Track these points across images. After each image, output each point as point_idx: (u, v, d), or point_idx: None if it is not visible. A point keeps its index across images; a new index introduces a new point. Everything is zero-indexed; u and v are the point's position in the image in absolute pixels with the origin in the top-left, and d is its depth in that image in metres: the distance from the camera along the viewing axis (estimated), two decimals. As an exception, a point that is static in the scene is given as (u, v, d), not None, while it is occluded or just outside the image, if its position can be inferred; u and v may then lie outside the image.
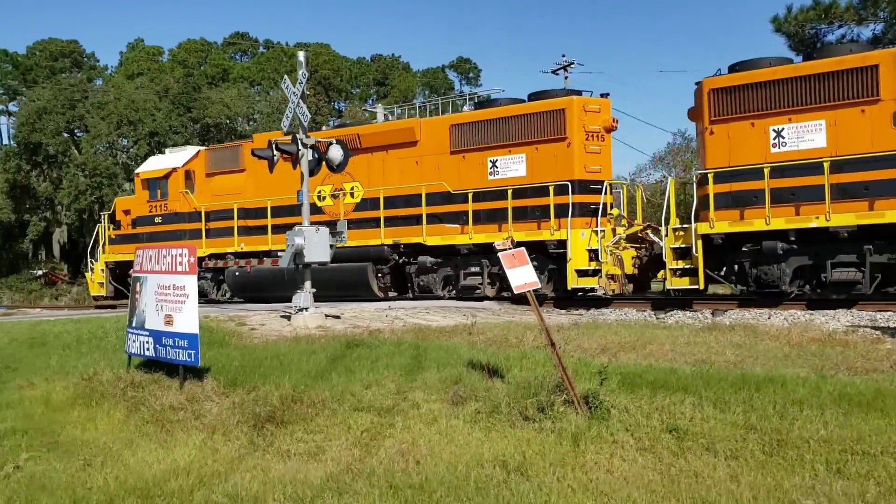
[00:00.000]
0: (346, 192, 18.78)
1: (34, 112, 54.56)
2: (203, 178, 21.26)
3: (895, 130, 12.58)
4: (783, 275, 13.49)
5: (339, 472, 5.71)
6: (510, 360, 8.46)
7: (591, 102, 16.15)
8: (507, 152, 16.48)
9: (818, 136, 13.29)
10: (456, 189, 16.96)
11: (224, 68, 68.17)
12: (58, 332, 11.98)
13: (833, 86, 13.12)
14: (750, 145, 13.84)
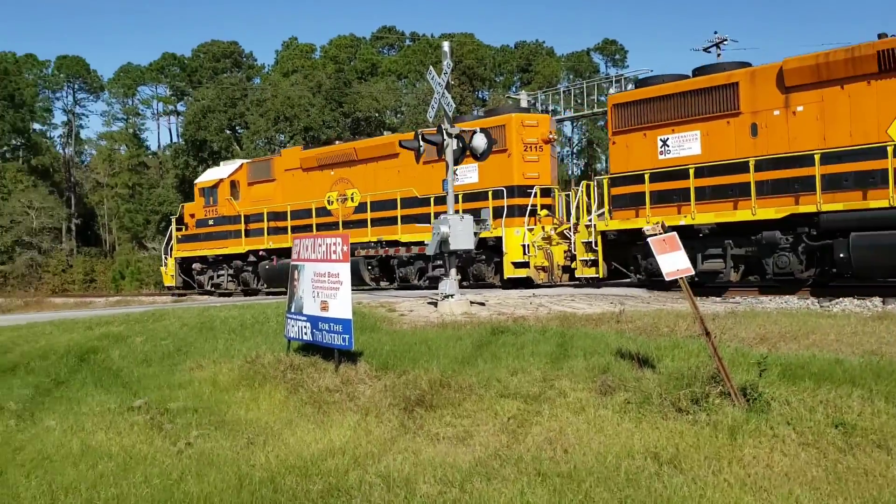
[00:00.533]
0: (348, 197, 21.73)
1: (199, 111, 58.31)
2: (245, 187, 24.72)
3: (753, 140, 14.50)
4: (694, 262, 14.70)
5: (487, 458, 5.75)
6: (661, 349, 8.21)
7: (529, 118, 18.83)
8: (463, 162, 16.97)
9: (694, 145, 15.35)
10: (423, 194, 19.47)
11: (373, 62, 70.05)
12: (224, 317, 12.73)
13: (705, 101, 15.16)
14: (642, 153, 15.99)
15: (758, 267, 14.68)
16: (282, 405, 7.60)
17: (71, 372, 9.22)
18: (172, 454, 6.16)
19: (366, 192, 21.11)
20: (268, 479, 5.49)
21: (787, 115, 14.26)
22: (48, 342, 11.18)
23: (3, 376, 9.12)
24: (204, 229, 25.68)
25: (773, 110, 14.43)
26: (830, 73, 13.63)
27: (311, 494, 5.17)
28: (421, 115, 48.76)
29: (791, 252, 13.98)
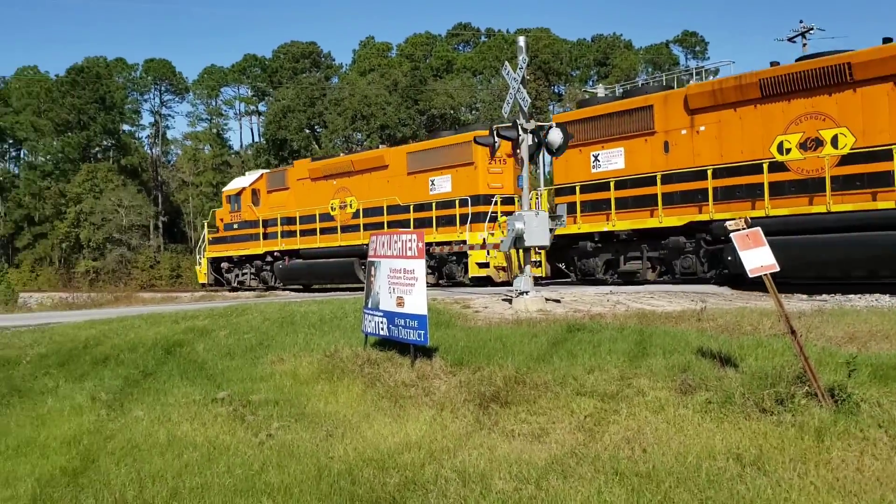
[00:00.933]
0: (347, 204, 24.15)
1: (279, 111, 59.61)
2: (265, 195, 27.39)
3: (665, 156, 16.46)
4: (597, 266, 17.63)
5: (564, 455, 5.70)
6: (744, 348, 7.98)
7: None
8: (440, 173, 21.51)
9: (619, 160, 17.35)
10: (405, 202, 21.94)
11: (448, 59, 70.29)
12: (304, 312, 12.99)
13: (628, 121, 17.19)
14: (578, 167, 18.07)
15: (670, 267, 16.52)
16: (359, 399, 7.70)
17: (158, 364, 9.55)
18: (254, 445, 6.31)
19: (361, 200, 23.57)
20: (346, 471, 5.57)
21: (692, 134, 16.19)
22: (137, 335, 11.61)
23: (94, 368, 9.51)
24: (230, 232, 28.52)
25: (680, 130, 16.38)
26: (725, 97, 15.52)
27: (387, 487, 5.22)
28: (496, 111, 48.64)
29: (693, 255, 15.96)
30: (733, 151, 15.37)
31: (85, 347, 10.77)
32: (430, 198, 21.41)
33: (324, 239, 24.41)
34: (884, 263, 13.13)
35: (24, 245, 71.40)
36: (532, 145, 13.13)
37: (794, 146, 14.58)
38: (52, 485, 5.46)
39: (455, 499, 4.93)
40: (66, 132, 69.62)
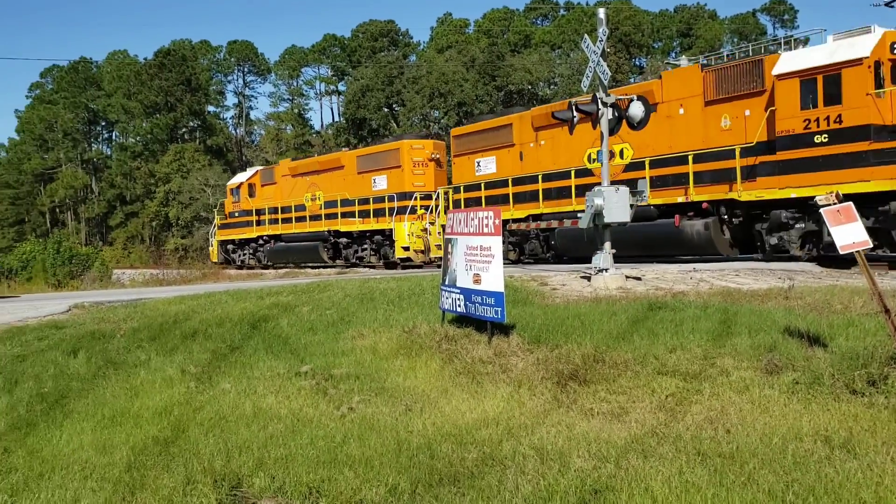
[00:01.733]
0: (317, 197, 29.09)
1: (358, 90, 60.15)
2: (259, 188, 32.82)
3: (521, 163, 20.83)
4: None
5: (644, 435, 5.63)
6: (834, 327, 7.70)
7: (416, 143, 26.29)
8: (380, 173, 26.63)
9: (492, 166, 21.85)
10: (353, 196, 27.27)
11: (526, 34, 69.49)
12: (383, 288, 13.16)
13: (497, 136, 21.72)
14: (467, 171, 22.76)
15: (521, 249, 21.20)
16: (437, 374, 7.77)
17: (244, 338, 9.84)
18: (336, 418, 6.45)
19: (325, 194, 28.58)
20: (425, 445, 5.64)
21: (537, 146, 20.50)
22: (224, 311, 11.98)
23: (184, 342, 9.86)
24: (233, 220, 34.33)
25: (529, 143, 20.77)
26: (536, 123, 20.33)
27: (466, 462, 5.27)
28: (574, 85, 47.88)
29: (535, 239, 20.56)
30: (562, 161, 19.53)
31: (175, 322, 11.18)
32: (372, 193, 26.65)
33: (298, 226, 29.81)
34: (657, 243, 17.23)
35: (117, 224, 74.54)
36: (612, 119, 12.89)
37: (592, 156, 18.62)
38: (145, 453, 5.71)
39: (533, 475, 4.94)
40: (155, 114, 72.02)
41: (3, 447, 6.02)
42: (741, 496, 4.42)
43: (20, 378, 8.24)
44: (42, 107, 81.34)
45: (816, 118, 14.16)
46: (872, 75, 13.31)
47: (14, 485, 5.22)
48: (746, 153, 15.17)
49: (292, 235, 29.91)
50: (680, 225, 16.33)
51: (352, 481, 5.01)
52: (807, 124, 14.29)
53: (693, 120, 16.45)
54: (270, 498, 4.95)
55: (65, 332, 10.82)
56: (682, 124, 16.65)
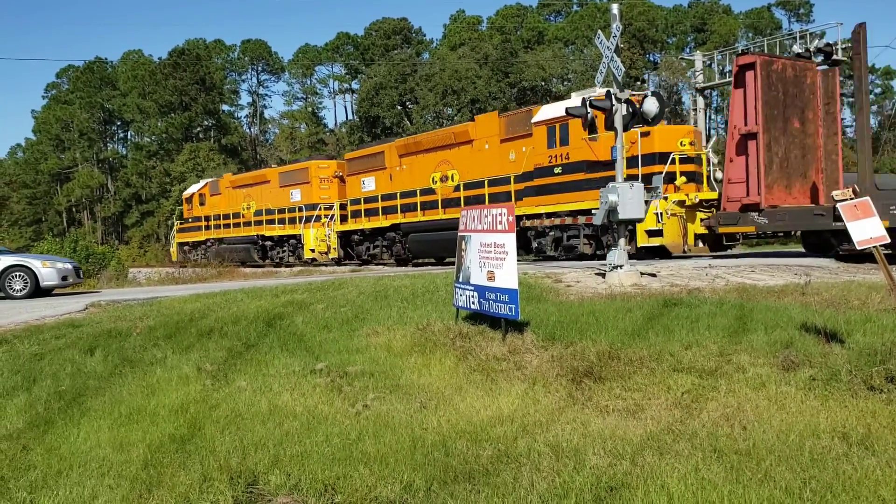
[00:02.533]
0: (251, 206, 33.92)
1: (372, 88, 60.22)
2: (209, 197, 37.90)
3: (391, 182, 25.78)
4: (369, 249, 27.47)
5: (659, 432, 5.61)
6: (851, 323, 7.64)
7: (323, 163, 31.06)
8: (295, 188, 31.36)
9: (372, 184, 26.81)
10: (276, 207, 32.04)
11: (539, 31, 69.31)
12: (397, 286, 13.17)
13: (374, 160, 26.87)
14: (355, 188, 27.86)
15: (389, 251, 26.57)
16: (452, 371, 7.77)
17: (259, 336, 9.87)
18: (351, 415, 6.46)
19: (258, 205, 33.51)
20: (440, 442, 5.64)
21: (401, 170, 25.46)
22: (239, 308, 12.03)
23: (200, 340, 9.91)
24: (188, 224, 39.93)
25: (397, 167, 25.68)
26: (413, 148, 25.05)
27: (481, 459, 5.26)
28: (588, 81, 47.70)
29: (399, 244, 25.72)
30: (418, 181, 24.50)
31: (191, 320, 11.24)
32: (289, 204, 31.38)
33: (235, 231, 34.96)
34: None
35: (133, 222, 75.07)
36: (626, 115, 12.84)
37: (438, 179, 23.78)
38: (161, 450, 5.75)
39: (548, 473, 4.93)
40: (170, 113, 72.40)
41: (22, 445, 6.08)
42: (758, 493, 4.40)
43: (38, 376, 8.31)
44: (58, 107, 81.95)
45: (556, 155, 19.46)
46: (586, 124, 15.45)
47: (33, 482, 5.27)
48: (518, 180, 20.52)
49: (231, 238, 35.19)
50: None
51: (367, 479, 5.02)
52: (550, 159, 19.58)
53: (493, 153, 21.63)
54: (286, 495, 4.97)
55: (82, 330, 10.90)
56: (486, 156, 21.81)
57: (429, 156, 24.04)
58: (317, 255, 29.49)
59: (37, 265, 17.71)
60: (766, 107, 16.09)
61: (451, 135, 23.60)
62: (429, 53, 72.36)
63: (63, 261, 18.82)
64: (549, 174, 19.53)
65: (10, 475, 5.42)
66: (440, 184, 23.45)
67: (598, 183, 16.67)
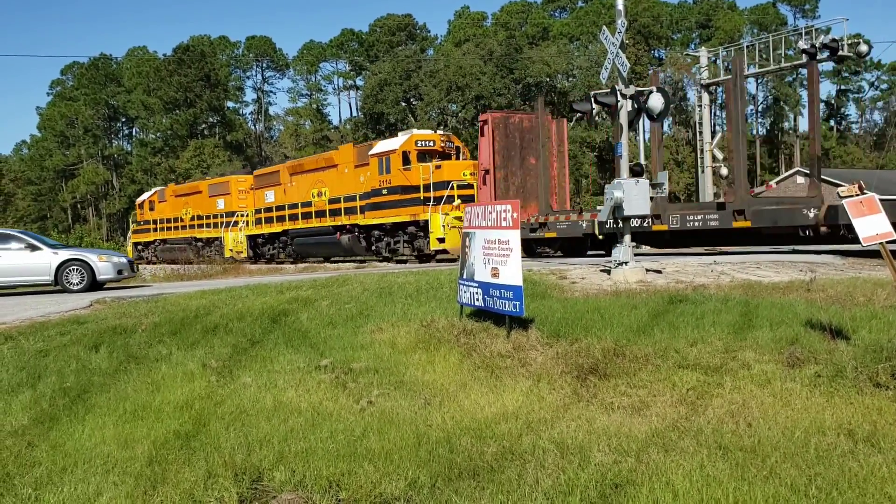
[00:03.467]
0: (190, 213, 39.69)
1: (376, 84, 60.16)
2: (157, 203, 44.17)
3: (285, 196, 30.91)
4: (270, 250, 32.92)
5: (665, 429, 5.60)
6: (857, 319, 7.61)
7: (241, 178, 37.35)
8: (220, 198, 37.71)
9: (273, 196, 31.98)
10: (205, 213, 38.24)
11: (544, 27, 69.18)
12: (401, 283, 13.16)
13: (273, 177, 32.46)
14: (261, 199, 32.95)
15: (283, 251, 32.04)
16: (456, 368, 7.76)
17: (264, 333, 9.88)
18: (356, 412, 6.46)
19: (193, 211, 39.41)
20: (444, 439, 5.64)
21: (292, 186, 30.74)
22: (244, 305, 12.04)
23: (205, 336, 9.92)
24: (140, 227, 46.32)
25: (288, 183, 30.96)
26: (299, 169, 30.77)
27: (485, 456, 5.26)
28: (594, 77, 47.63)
29: (289, 246, 30.96)
30: (301, 196, 29.96)
31: (196, 317, 11.25)
32: (216, 211, 37.64)
33: (176, 233, 40.95)
34: (331, 250, 28.99)
35: (139, 219, 75.14)
36: (631, 111, 12.80)
37: (315, 194, 29.05)
38: (166, 447, 5.75)
39: (553, 470, 4.92)
40: (175, 110, 72.45)
41: (27, 441, 6.09)
42: (763, 490, 4.38)
43: (43, 373, 8.33)
44: (63, 103, 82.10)
45: (384, 180, 25.01)
46: (401, 158, 24.25)
47: (38, 478, 5.27)
48: (363, 197, 26.08)
49: (173, 239, 41.13)
50: (339, 238, 27.65)
51: (371, 475, 5.02)
52: (380, 183, 25.10)
53: (349, 176, 27.14)
54: (291, 491, 4.97)
55: (86, 327, 10.92)
56: (346, 178, 27.32)
57: (309, 175, 29.99)
58: (234, 254, 35.26)
59: (93, 259, 18.18)
60: (504, 150, 21.71)
61: (323, 160, 29.99)
62: (433, 50, 72.28)
63: (118, 255, 19.40)
64: (379, 195, 25.28)
65: (16, 472, 5.43)
66: (316, 198, 29.08)
67: (409, 202, 23.95)
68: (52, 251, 18.21)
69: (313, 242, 29.59)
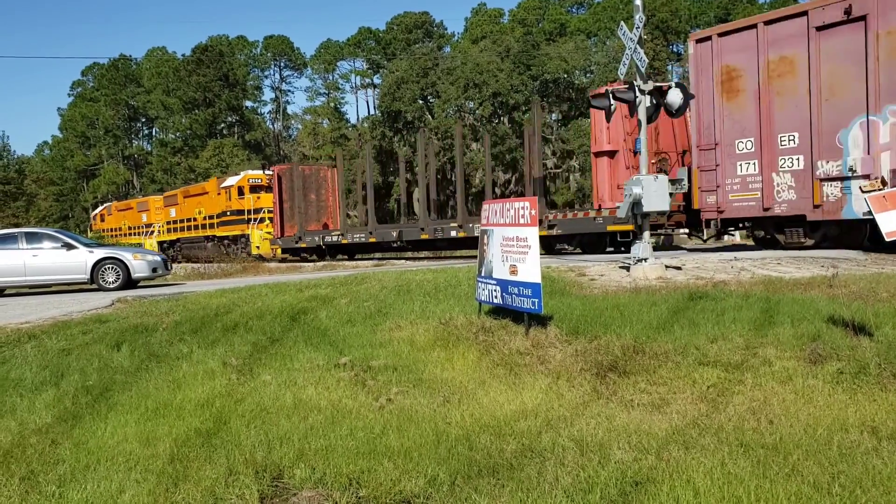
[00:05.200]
0: (125, 223, 50.26)
1: (393, 82, 60.19)
2: (107, 216, 54.08)
3: (179, 213, 42.68)
4: (172, 252, 41.77)
5: (685, 426, 5.56)
6: (880, 315, 7.53)
7: (157, 198, 47.92)
8: (144, 213, 48.31)
9: (174, 213, 43.55)
10: (134, 224, 48.69)
11: (561, 23, 68.92)
12: (419, 280, 13.17)
13: (174, 199, 43.73)
14: (168, 214, 43.64)
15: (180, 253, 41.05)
16: (475, 366, 7.76)
17: (284, 331, 9.92)
18: (375, 409, 6.48)
19: (128, 223, 49.22)
20: (463, 436, 5.64)
21: (183, 205, 40.84)
22: (264, 303, 12.10)
23: (225, 334, 9.98)
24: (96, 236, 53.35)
25: (181, 204, 41.50)
26: (189, 193, 41.24)
27: (505, 454, 5.26)
28: (612, 73, 47.40)
29: (182, 249, 40.81)
30: (189, 213, 40.05)
31: (216, 315, 11.32)
32: (142, 223, 47.06)
33: (116, 239, 48.64)
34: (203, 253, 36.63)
35: (159, 219, 75.73)
36: (650, 107, 12.73)
37: (197, 213, 38.89)
38: (187, 445, 5.80)
39: (573, 467, 4.91)
40: (194, 109, 72.91)
41: (51, 439, 6.16)
42: (785, 488, 4.35)
43: (66, 371, 8.42)
44: (84, 104, 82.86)
45: (228, 205, 35.85)
46: (237, 191, 35.43)
47: (62, 476, 5.33)
48: (218, 217, 36.98)
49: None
50: (206, 244, 37.78)
51: (391, 472, 5.03)
52: (226, 207, 36.21)
53: (214, 201, 37.70)
54: (311, 489, 5.00)
55: (108, 325, 11.03)
56: (212, 202, 37.65)
57: (193, 199, 40.57)
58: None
59: (128, 258, 18.57)
60: (289, 189, 32.13)
61: (201, 188, 40.61)
62: (450, 47, 72.21)
63: (152, 254, 19.77)
64: (226, 215, 36.75)
65: (40, 469, 5.49)
66: (198, 215, 39.47)
67: (240, 221, 35.77)
68: (88, 250, 18.55)
69: (194, 247, 39.84)
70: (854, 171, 14.33)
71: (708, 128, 16.80)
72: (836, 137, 14.79)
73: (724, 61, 16.57)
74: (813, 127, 15.11)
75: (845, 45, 14.70)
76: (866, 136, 14.31)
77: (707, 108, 16.85)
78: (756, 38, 15.98)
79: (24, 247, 18.23)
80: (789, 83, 15.57)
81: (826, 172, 14.89)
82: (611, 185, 20.80)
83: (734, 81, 16.44)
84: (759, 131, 16.03)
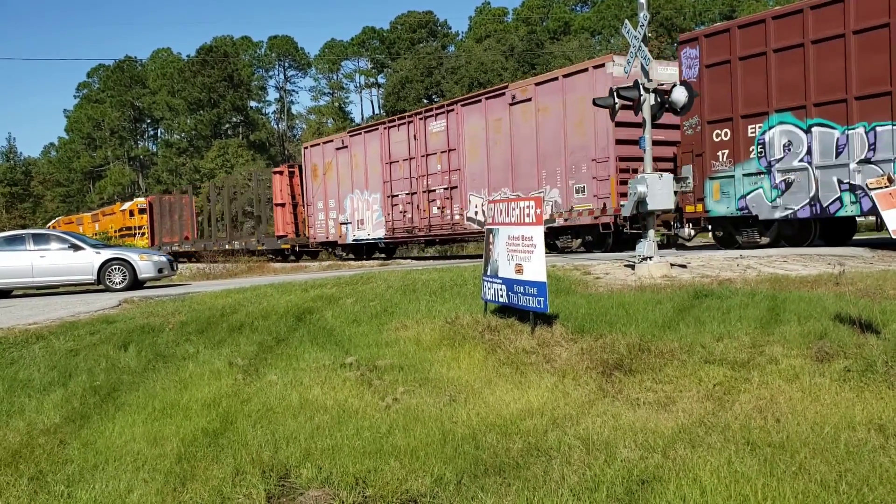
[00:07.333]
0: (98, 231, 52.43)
1: (398, 82, 60.22)
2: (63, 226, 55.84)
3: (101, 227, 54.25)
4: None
5: (691, 425, 5.56)
6: (887, 313, 7.51)
7: (88, 216, 59.66)
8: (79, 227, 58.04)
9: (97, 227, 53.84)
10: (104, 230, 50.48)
11: (565, 21, 68.84)
12: (425, 279, 13.18)
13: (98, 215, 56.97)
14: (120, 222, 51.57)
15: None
16: (481, 365, 7.76)
17: (289, 330, 9.94)
18: (381, 409, 6.49)
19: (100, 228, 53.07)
20: (469, 435, 5.64)
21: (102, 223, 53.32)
22: (269, 303, 12.13)
23: (231, 335, 10.00)
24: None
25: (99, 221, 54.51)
26: (106, 213, 55.92)
27: (511, 452, 5.26)
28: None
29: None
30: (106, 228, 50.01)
31: (222, 315, 11.35)
32: (123, 224, 50.63)
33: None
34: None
35: (165, 219, 75.97)
36: (654, 105, 12.71)
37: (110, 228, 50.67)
38: (194, 444, 5.81)
39: (579, 466, 4.91)
40: (199, 110, 73.06)
41: (59, 439, 6.19)
42: (792, 486, 4.34)
43: (74, 372, 8.45)
44: (90, 106, 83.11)
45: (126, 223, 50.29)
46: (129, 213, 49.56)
47: (70, 476, 5.36)
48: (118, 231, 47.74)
49: None
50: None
51: (398, 472, 5.04)
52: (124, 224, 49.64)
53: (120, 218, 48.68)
54: (318, 488, 5.01)
55: (115, 326, 11.07)
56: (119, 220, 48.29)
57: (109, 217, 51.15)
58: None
59: (135, 258, 18.76)
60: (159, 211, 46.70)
61: (112, 210, 48.85)
62: (454, 46, 72.20)
63: (158, 254, 19.91)
64: (122, 230, 46.37)
65: (49, 469, 5.52)
66: (110, 229, 48.68)
67: (130, 234, 47.15)
68: (95, 251, 18.70)
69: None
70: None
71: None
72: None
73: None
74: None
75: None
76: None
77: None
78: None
79: (31, 248, 18.33)
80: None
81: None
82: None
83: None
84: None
